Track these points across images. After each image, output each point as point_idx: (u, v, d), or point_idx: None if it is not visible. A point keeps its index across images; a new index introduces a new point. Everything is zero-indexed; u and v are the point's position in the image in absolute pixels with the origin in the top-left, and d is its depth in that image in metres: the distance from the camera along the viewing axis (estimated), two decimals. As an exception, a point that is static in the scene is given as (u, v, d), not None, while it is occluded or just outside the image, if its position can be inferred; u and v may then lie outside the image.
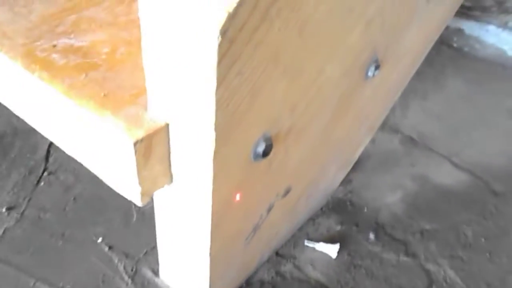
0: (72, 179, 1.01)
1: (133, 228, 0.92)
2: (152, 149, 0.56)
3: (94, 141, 0.59)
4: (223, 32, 0.41)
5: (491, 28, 1.51)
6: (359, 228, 0.98)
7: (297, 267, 0.89)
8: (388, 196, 1.06)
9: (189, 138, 0.53)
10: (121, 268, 0.85)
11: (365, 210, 1.02)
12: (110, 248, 0.88)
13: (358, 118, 0.90)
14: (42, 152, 1.06)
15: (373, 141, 1.22)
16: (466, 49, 1.62)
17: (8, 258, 0.83)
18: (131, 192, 0.59)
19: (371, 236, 0.96)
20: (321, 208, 1.02)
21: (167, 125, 0.55)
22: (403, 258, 0.92)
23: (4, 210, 0.92)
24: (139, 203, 0.60)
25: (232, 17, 0.41)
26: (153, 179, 0.60)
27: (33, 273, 0.82)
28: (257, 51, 0.48)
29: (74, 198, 0.97)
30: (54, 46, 0.67)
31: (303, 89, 0.62)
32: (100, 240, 0.89)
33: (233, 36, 0.43)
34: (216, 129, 0.49)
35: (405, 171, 1.13)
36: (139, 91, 0.60)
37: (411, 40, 0.92)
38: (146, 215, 0.94)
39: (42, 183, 0.99)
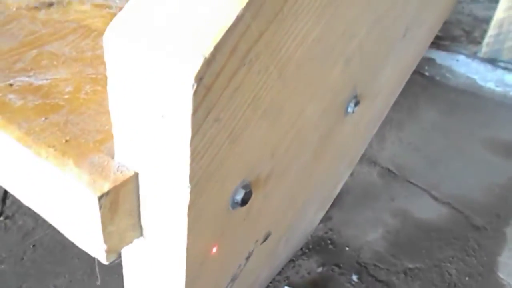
0: (31, 223, 0.93)
1: (99, 279, 0.84)
2: (120, 202, 0.50)
3: (55, 193, 0.52)
4: (199, 78, 0.37)
5: (461, 58, 1.54)
6: (341, 269, 0.93)
7: (278, 316, 0.83)
8: (369, 233, 1.02)
9: (161, 189, 0.48)
10: (85, 325, 0.77)
11: (347, 249, 0.98)
12: (73, 301, 0.80)
13: (338, 155, 0.87)
14: (-1, 193, 0.98)
15: (351, 174, 1.19)
16: (437, 78, 1.64)
17: (-45, 319, 0.75)
18: (96, 249, 0.53)
19: (354, 277, 0.91)
20: (301, 248, 0.97)
21: (137, 174, 0.49)
22: (388, 301, 0.88)
23: (-48, 261, 0.83)
24: (104, 261, 0.54)
25: (208, 62, 0.37)
26: (121, 235, 0.54)
27: (-16, 335, 0.73)
28: (236, 96, 0.44)
29: (33, 246, 0.88)
30: (11, 85, 0.61)
31: (283, 132, 0.58)
32: (61, 293, 0.81)
33: (209, 83, 0.39)
34: (191, 182, 0.44)
35: (385, 206, 1.11)
36: (105, 137, 0.54)
37: (388, 74, 0.90)
38: (113, 265, 0.87)
39: (-2, 229, 0.91)
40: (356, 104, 0.76)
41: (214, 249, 0.60)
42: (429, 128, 1.42)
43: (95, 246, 0.53)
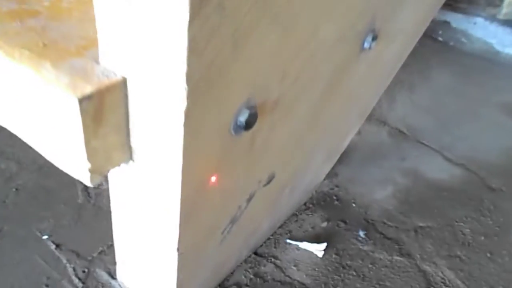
0: (14, 167, 0.86)
1: (85, 224, 0.78)
2: (104, 111, 0.43)
3: (30, 103, 0.45)
4: None
5: (479, 20, 1.46)
6: (347, 225, 0.87)
7: (279, 268, 0.77)
8: (377, 191, 0.96)
9: (154, 96, 0.41)
10: (70, 269, 0.70)
11: (353, 206, 0.91)
12: (57, 246, 0.74)
13: (349, 99, 0.80)
14: (-18, 136, 0.91)
15: (359, 132, 1.12)
16: (452, 43, 1.56)
17: None
18: (78, 168, 0.46)
19: (361, 234, 0.85)
20: (305, 203, 0.91)
21: (125, 80, 0.42)
22: (397, 258, 0.82)
23: None
24: (88, 182, 0.47)
25: None
26: (107, 153, 0.47)
27: (-41, 276, 0.67)
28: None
29: (16, 189, 0.82)
30: (-17, -12, 0.54)
31: (294, 50, 0.51)
32: (45, 237, 0.75)
33: None
34: (188, 82, 0.37)
35: (395, 165, 1.04)
36: (89, 43, 0.47)
37: (408, 16, 0.82)
38: (101, 209, 0.80)
39: (-21, 171, 0.84)
40: (374, 39, 0.69)
41: (213, 179, 0.53)
42: (442, 92, 1.35)
43: (77, 164, 0.46)
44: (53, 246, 0.73)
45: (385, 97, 1.27)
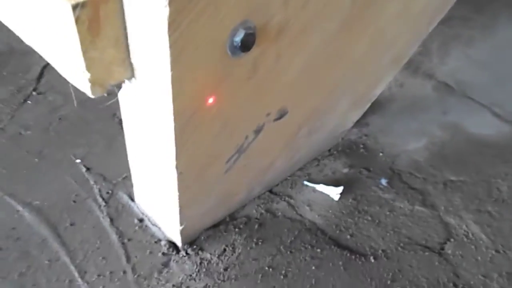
0: (61, 100, 0.94)
1: (116, 152, 0.84)
2: (101, 21, 0.45)
3: (37, 12, 0.49)
4: None
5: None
6: (370, 173, 0.84)
7: (292, 206, 0.77)
8: (410, 143, 0.91)
9: (144, 7, 0.42)
10: (96, 190, 0.77)
11: (380, 155, 0.88)
12: (87, 169, 0.80)
13: (379, 40, 0.75)
14: (35, 73, 1.00)
15: (401, 85, 1.06)
16: (525, -5, 1.40)
17: (-21, 170, 0.78)
18: (79, 77, 0.49)
19: (383, 182, 0.83)
20: (329, 150, 0.89)
21: (118, -10, 0.44)
22: (419, 208, 0.78)
23: (-15, 123, 0.87)
24: (89, 92, 0.50)
25: None
26: (106, 66, 0.50)
27: (3, 187, 0.76)
28: None
29: (60, 119, 0.90)
30: None
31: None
32: (78, 161, 0.82)
33: None
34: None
35: (434, 118, 0.98)
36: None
37: None
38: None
39: (29, 102, 0.92)
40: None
41: (211, 100, 0.54)
42: (504, 47, 1.22)
43: (78, 74, 0.49)
44: (83, 169, 0.80)
45: (438, 50, 1.19)
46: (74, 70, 0.50)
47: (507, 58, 1.18)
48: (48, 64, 1.03)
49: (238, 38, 0.48)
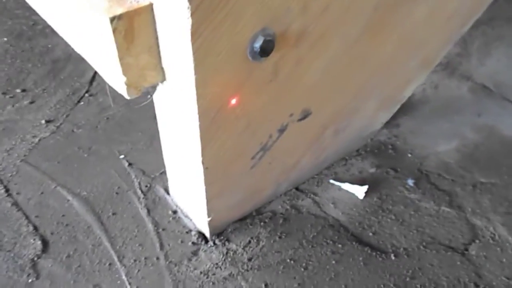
0: (109, 102, 1.03)
1: (156, 150, 0.91)
2: (135, 31, 0.52)
3: (83, 24, 0.56)
4: None
5: None
6: (397, 173, 0.86)
7: (317, 203, 0.80)
8: (440, 144, 0.91)
9: (172, 19, 0.48)
10: (136, 183, 0.84)
11: (409, 156, 0.89)
12: (130, 164, 0.88)
13: (406, 44, 0.77)
14: (88, 77, 1.10)
15: (435, 86, 1.06)
16: None
17: (37, 164, 0.88)
18: (117, 80, 0.56)
19: (410, 182, 0.83)
20: (357, 150, 0.91)
21: (151, 4, 0.50)
22: (445, 209, 0.79)
23: (43, 122, 0.97)
24: (125, 94, 0.57)
25: None
26: (140, 71, 0.56)
27: (56, 178, 0.85)
28: None
29: (107, 118, 0.98)
30: None
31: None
32: (122, 156, 0.90)
33: None
34: (190, 1, 0.43)
35: (468, 120, 0.97)
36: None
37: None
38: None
39: (81, 103, 1.02)
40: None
41: (233, 101, 0.59)
42: (552, 47, 1.18)
43: (116, 78, 0.55)
44: (126, 164, 0.88)
45: (477, 51, 1.17)
46: (112, 74, 0.56)
47: (552, 59, 1.13)
48: (99, 68, 1.13)
49: (257, 44, 0.52)
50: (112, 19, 0.49)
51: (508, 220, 0.76)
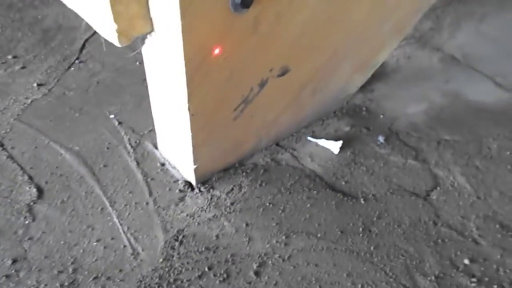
0: (99, 67, 1.07)
1: (144, 110, 0.96)
2: (125, -19, 0.57)
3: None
4: None
5: None
6: (370, 132, 0.93)
7: (295, 157, 0.87)
8: (410, 107, 0.99)
9: None
10: (126, 139, 0.89)
11: (381, 117, 0.96)
12: (120, 123, 0.93)
13: (379, 6, 0.82)
14: (78, 45, 1.14)
15: (408, 57, 1.13)
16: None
17: (30, 122, 0.92)
18: (108, 29, 0.61)
19: (381, 139, 0.90)
20: (334, 112, 0.98)
21: (138, -45, 0.55)
22: (411, 161, 0.86)
23: (35, 85, 1.01)
24: (116, 42, 0.62)
25: None
26: (130, 20, 0.61)
27: (49, 135, 0.90)
28: None
29: (98, 82, 1.03)
30: None
31: None
32: (112, 116, 0.95)
33: None
34: None
35: (436, 86, 1.04)
36: None
37: None
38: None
39: (72, 69, 1.06)
40: None
41: (217, 51, 0.64)
42: (518, 23, 1.26)
43: (107, 26, 0.60)
44: (116, 123, 0.93)
45: (449, 26, 1.24)
46: (104, 23, 0.61)
47: (517, 33, 1.21)
48: (90, 37, 1.17)
49: (238, -4, 0.58)
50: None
51: (466, 171, 0.84)
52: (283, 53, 0.75)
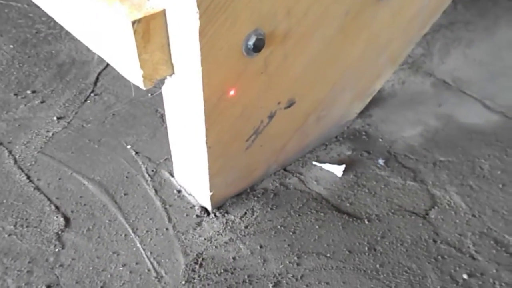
0: (113, 100, 1.14)
1: (159, 140, 1.02)
2: (151, 32, 0.64)
3: (104, 27, 0.68)
4: None
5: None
6: (370, 155, 0.99)
7: (302, 181, 0.93)
8: (406, 130, 1.06)
9: (181, 21, 0.60)
10: (143, 168, 0.96)
11: (380, 140, 1.03)
12: (136, 153, 0.99)
13: (373, 43, 0.91)
14: (92, 78, 1.21)
15: (402, 82, 1.21)
16: (525, 0, 1.51)
17: (53, 154, 0.98)
18: (134, 74, 0.68)
19: (381, 161, 0.97)
20: (336, 137, 1.05)
21: (164, 10, 0.62)
22: (410, 182, 0.93)
23: (55, 118, 1.07)
24: (141, 85, 0.69)
25: None
26: (154, 65, 0.69)
27: (71, 166, 0.96)
28: None
29: (113, 114, 1.10)
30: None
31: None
32: (129, 146, 1.01)
33: None
34: (199, 7, 0.56)
35: (430, 110, 1.12)
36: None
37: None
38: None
39: (88, 101, 1.13)
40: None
41: (232, 92, 0.71)
42: (502, 47, 1.34)
43: (134, 72, 0.68)
44: (133, 153, 0.99)
45: (439, 52, 1.32)
46: (130, 69, 0.68)
47: (503, 57, 1.30)
48: (102, 71, 1.24)
49: (251, 42, 0.65)
50: (133, 23, 0.61)
51: (462, 190, 0.91)
52: (289, 88, 0.82)
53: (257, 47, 0.67)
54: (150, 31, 0.64)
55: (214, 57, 0.63)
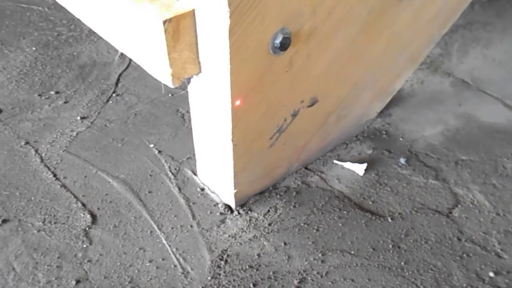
0: (135, 100, 1.16)
1: (181, 139, 1.04)
2: (181, 31, 0.66)
3: (133, 27, 0.70)
4: None
5: None
6: (391, 154, 1.00)
7: (323, 179, 0.94)
8: (427, 129, 1.06)
9: (211, 20, 0.61)
10: (166, 167, 0.97)
11: (401, 139, 1.03)
12: (159, 152, 1.01)
13: (395, 42, 0.91)
14: (114, 79, 1.23)
15: (422, 82, 1.21)
16: (544, -1, 1.50)
17: (78, 153, 1.00)
18: (163, 73, 0.69)
19: (402, 160, 0.97)
20: (356, 136, 1.05)
21: (193, 10, 0.64)
22: (432, 181, 0.93)
23: (78, 118, 1.09)
24: (170, 84, 0.70)
25: None
26: (183, 64, 0.70)
27: (96, 165, 0.98)
28: None
29: (135, 114, 1.11)
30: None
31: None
32: (152, 145, 1.03)
33: None
34: (229, 5, 0.57)
35: (450, 109, 1.12)
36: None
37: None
38: (191, 129, 1.06)
39: (110, 102, 1.15)
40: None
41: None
42: (522, 47, 1.34)
43: (162, 71, 0.69)
44: (156, 152, 1.01)
45: (457, 52, 1.32)
46: (159, 67, 0.70)
47: (522, 57, 1.29)
48: (123, 72, 1.26)
49: (277, 41, 0.66)
50: (164, 22, 0.63)
51: (484, 189, 0.90)
52: (312, 86, 0.83)
53: (284, 45, 0.68)
54: (179, 30, 0.65)
55: (242, 55, 0.64)
